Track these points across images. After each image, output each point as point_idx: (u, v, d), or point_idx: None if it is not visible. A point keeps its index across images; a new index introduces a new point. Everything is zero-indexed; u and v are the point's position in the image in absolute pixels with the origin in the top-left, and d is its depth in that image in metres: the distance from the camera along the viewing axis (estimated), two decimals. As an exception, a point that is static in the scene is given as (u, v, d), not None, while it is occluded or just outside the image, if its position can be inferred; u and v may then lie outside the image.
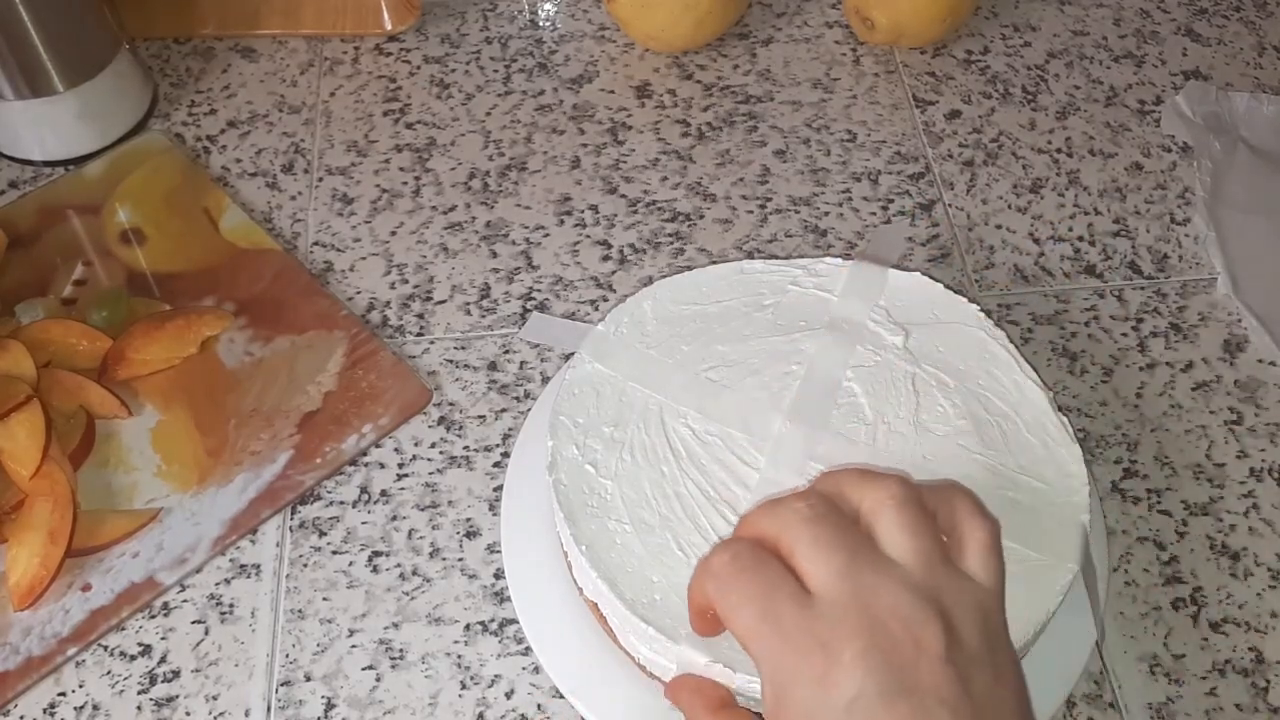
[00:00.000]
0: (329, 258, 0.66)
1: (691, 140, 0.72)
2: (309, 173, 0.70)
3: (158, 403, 0.59)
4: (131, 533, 0.54)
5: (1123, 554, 0.55)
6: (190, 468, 0.57)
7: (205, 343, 0.61)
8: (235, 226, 0.66)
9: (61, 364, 0.59)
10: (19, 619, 0.52)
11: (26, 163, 0.70)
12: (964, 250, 0.67)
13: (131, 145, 0.71)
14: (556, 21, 0.80)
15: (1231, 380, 0.61)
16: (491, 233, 0.67)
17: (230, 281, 0.64)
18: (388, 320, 0.63)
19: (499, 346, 0.62)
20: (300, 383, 0.60)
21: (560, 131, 0.73)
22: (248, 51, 0.78)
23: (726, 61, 0.77)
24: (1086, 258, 0.67)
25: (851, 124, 0.73)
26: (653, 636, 0.45)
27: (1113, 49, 0.79)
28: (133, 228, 0.67)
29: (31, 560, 0.52)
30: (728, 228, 0.67)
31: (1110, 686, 0.51)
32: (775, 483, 0.48)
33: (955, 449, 0.50)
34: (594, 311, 0.63)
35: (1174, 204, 0.69)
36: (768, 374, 0.52)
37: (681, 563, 0.46)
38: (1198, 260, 0.66)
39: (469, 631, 0.52)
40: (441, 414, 0.59)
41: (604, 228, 0.68)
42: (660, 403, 0.51)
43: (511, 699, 0.50)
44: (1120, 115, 0.74)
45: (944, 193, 0.70)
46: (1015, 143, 0.72)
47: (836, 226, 0.68)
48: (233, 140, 0.72)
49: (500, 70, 0.77)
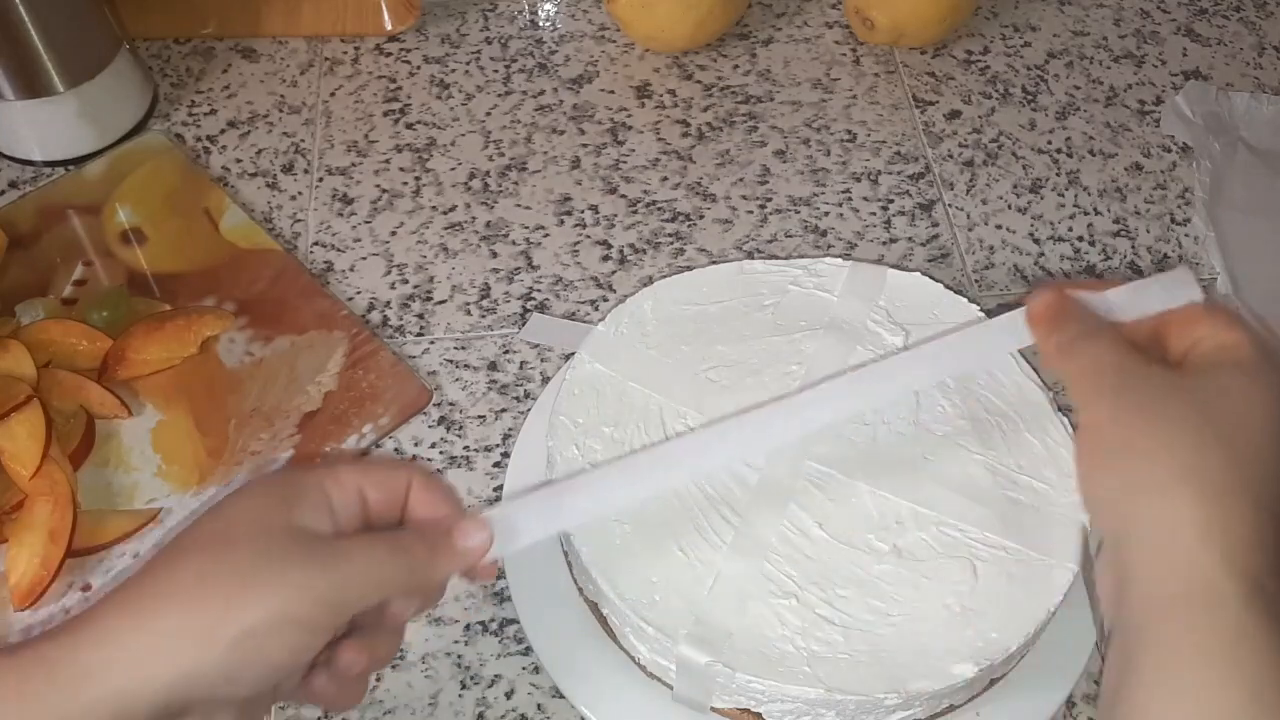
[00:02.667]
0: (329, 258, 0.66)
1: (691, 140, 0.72)
2: (309, 173, 0.70)
3: (158, 403, 0.59)
4: (132, 533, 0.54)
5: (1123, 554, 0.55)
6: (190, 468, 0.57)
7: (205, 343, 0.61)
8: (235, 226, 0.66)
9: (62, 364, 0.59)
10: (19, 619, 0.52)
11: (26, 163, 0.70)
12: (964, 250, 0.67)
13: (131, 145, 0.71)
14: (556, 21, 0.80)
15: (1231, 380, 0.61)
16: (491, 233, 0.67)
17: (230, 281, 0.64)
18: (388, 320, 0.63)
19: (499, 346, 0.62)
20: (300, 383, 0.60)
21: (560, 131, 0.73)
22: (248, 51, 0.78)
23: (726, 61, 0.77)
24: (1086, 258, 0.67)
25: (851, 124, 0.73)
26: (653, 636, 0.45)
27: (1113, 49, 0.79)
28: (133, 228, 0.67)
29: (32, 560, 0.52)
30: (728, 228, 0.68)
31: (1110, 686, 0.51)
32: (775, 483, 0.48)
33: (955, 449, 0.50)
34: (594, 311, 0.63)
35: (1174, 204, 0.69)
36: (768, 374, 0.52)
37: (681, 563, 0.46)
38: (1198, 260, 0.66)
39: (469, 631, 0.52)
40: (441, 414, 0.59)
41: (604, 228, 0.68)
42: (660, 403, 0.51)
43: (511, 699, 0.50)
44: (1120, 115, 0.74)
45: (944, 193, 0.70)
46: (1015, 143, 0.72)
47: (836, 226, 0.68)
48: (233, 140, 0.72)
49: (500, 70, 0.77)
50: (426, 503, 0.41)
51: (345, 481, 0.40)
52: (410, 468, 0.42)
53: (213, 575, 0.36)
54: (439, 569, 0.40)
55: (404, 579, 0.39)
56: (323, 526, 0.39)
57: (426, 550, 0.40)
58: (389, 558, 0.39)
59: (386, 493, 0.41)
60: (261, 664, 0.36)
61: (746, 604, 0.45)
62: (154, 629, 0.35)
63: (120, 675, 0.34)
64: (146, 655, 0.35)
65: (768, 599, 0.45)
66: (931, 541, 0.47)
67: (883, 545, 0.47)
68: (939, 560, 0.46)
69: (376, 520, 0.41)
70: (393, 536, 0.40)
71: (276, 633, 0.36)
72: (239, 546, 0.37)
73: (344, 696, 0.41)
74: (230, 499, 0.39)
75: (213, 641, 0.35)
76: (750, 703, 0.45)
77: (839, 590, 0.46)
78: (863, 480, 0.49)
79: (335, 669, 0.40)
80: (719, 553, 0.47)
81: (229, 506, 0.39)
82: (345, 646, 0.39)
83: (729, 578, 0.46)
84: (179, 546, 0.38)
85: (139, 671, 0.35)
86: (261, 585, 0.36)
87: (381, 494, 0.41)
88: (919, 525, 0.47)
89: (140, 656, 0.35)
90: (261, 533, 0.37)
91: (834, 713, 0.44)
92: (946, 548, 0.47)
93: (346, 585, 0.37)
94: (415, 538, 0.40)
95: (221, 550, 0.37)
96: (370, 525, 0.41)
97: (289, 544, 0.37)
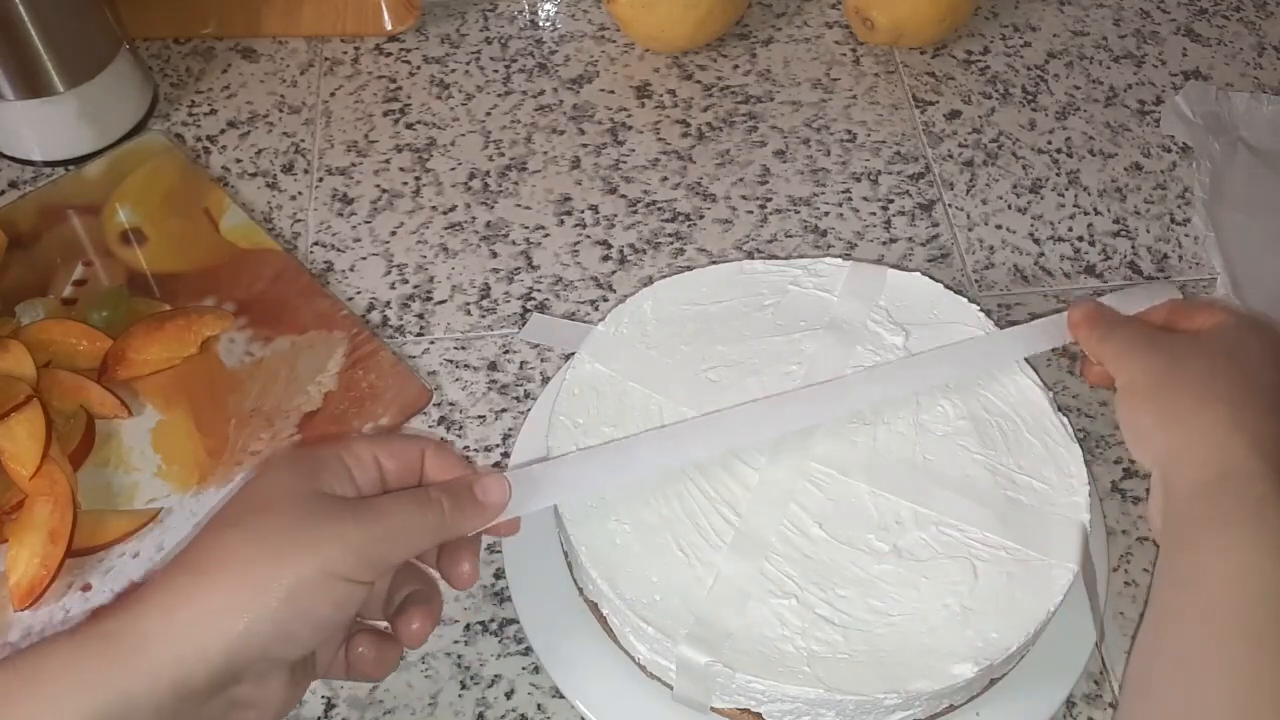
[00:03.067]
0: (329, 258, 0.66)
1: (691, 140, 0.72)
2: (309, 173, 0.70)
3: (158, 403, 0.59)
4: (132, 533, 0.54)
5: (1123, 554, 0.55)
6: (190, 468, 0.57)
7: (205, 343, 0.61)
8: (235, 226, 0.66)
9: (61, 364, 0.59)
10: (19, 619, 0.52)
11: (26, 163, 0.70)
12: (964, 250, 0.67)
13: (131, 145, 0.71)
14: (556, 21, 0.80)
15: (1231, 380, 0.61)
16: (491, 233, 0.67)
17: (230, 281, 0.64)
18: (388, 320, 0.63)
19: (499, 346, 0.62)
20: (300, 383, 0.60)
21: (560, 131, 0.73)
22: (248, 51, 0.78)
23: (726, 61, 0.77)
24: (1086, 258, 0.67)
25: (851, 124, 0.73)
26: (653, 636, 0.45)
27: (1113, 49, 0.79)
28: (133, 228, 0.67)
29: (31, 560, 0.52)
30: (728, 228, 0.68)
31: (1110, 686, 0.51)
32: (775, 483, 0.48)
33: (955, 449, 0.50)
34: (594, 311, 0.63)
35: (1174, 204, 0.69)
36: (768, 374, 0.52)
37: (681, 563, 0.46)
38: (1198, 260, 0.66)
39: (469, 631, 0.52)
40: (441, 414, 0.59)
41: (604, 228, 0.68)
42: (660, 403, 0.51)
43: (511, 699, 0.50)
44: (1120, 115, 0.74)
45: (944, 193, 0.70)
46: (1015, 143, 0.72)
47: (836, 226, 0.68)
48: (233, 140, 0.72)
49: (500, 70, 0.77)
50: (441, 467, 0.44)
51: (361, 453, 0.42)
52: (422, 438, 0.45)
53: (256, 541, 0.38)
54: (464, 521, 0.43)
55: (433, 530, 0.42)
56: (348, 492, 0.41)
57: (452, 502, 0.42)
58: (418, 510, 0.41)
59: (402, 461, 0.43)
60: (311, 619, 0.38)
61: (746, 604, 0.45)
62: (206, 597, 0.37)
63: (178, 643, 0.36)
64: (202, 622, 0.37)
65: (768, 599, 0.45)
66: (931, 541, 0.47)
67: (883, 545, 0.47)
68: (939, 560, 0.46)
69: (394, 488, 0.43)
70: (419, 491, 0.43)
71: (322, 587, 0.38)
72: (277, 513, 0.39)
73: (379, 666, 0.44)
74: (254, 478, 0.42)
75: (264, 601, 0.37)
76: (750, 703, 0.45)
77: (839, 590, 0.46)
78: (863, 480, 0.49)
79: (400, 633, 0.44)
80: (719, 553, 0.47)
81: (256, 483, 0.41)
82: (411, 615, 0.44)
83: (729, 578, 0.46)
84: (217, 524, 0.40)
85: (196, 638, 0.36)
86: (303, 544, 0.38)
87: (397, 463, 0.43)
88: (919, 525, 0.47)
89: (196, 623, 0.37)
90: (295, 499, 0.40)
91: (834, 713, 0.44)
92: (946, 548, 0.47)
93: (382, 538, 0.40)
94: (440, 491, 0.43)
95: (260, 518, 0.39)
96: (388, 492, 0.43)
97: (323, 506, 0.40)
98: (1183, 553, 0.44)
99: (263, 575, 0.37)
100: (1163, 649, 0.43)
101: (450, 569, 0.44)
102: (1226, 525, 0.43)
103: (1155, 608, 0.45)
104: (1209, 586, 0.43)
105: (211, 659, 0.36)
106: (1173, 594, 0.44)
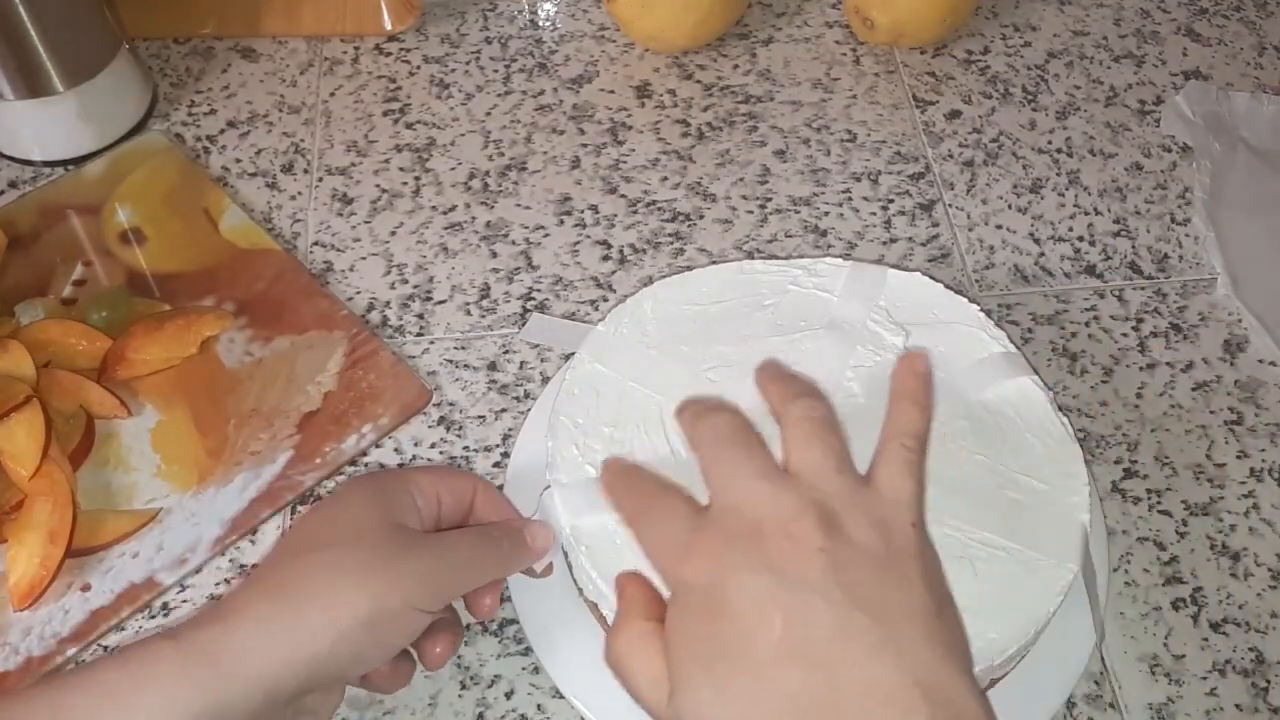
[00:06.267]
0: (329, 258, 0.66)
1: (691, 140, 0.72)
2: (309, 173, 0.70)
3: (158, 403, 0.59)
4: (131, 533, 0.54)
5: (1123, 554, 0.55)
6: (190, 468, 0.57)
7: (205, 343, 0.61)
8: (235, 226, 0.66)
9: (61, 364, 0.59)
10: (19, 619, 0.52)
11: (26, 163, 0.70)
12: (964, 250, 0.67)
13: (131, 145, 0.71)
14: (556, 21, 0.80)
15: (1232, 380, 0.61)
16: (491, 233, 0.67)
17: (230, 281, 0.64)
18: (388, 320, 0.63)
19: (499, 346, 0.62)
20: (300, 383, 0.60)
21: (560, 131, 0.73)
22: (248, 51, 0.78)
23: (726, 61, 0.77)
24: (1086, 258, 0.67)
25: (851, 124, 0.73)
26: (653, 637, 0.45)
27: (1113, 49, 0.79)
28: (132, 228, 0.67)
29: (31, 560, 0.52)
30: (728, 228, 0.67)
31: (1110, 686, 0.51)
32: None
33: (954, 449, 0.49)
34: (594, 311, 0.63)
35: (1174, 204, 0.69)
36: (768, 374, 0.52)
37: (681, 563, 0.46)
38: (1198, 260, 0.66)
39: (469, 631, 0.52)
40: (441, 414, 0.59)
41: (604, 228, 0.68)
42: (660, 403, 0.51)
43: (511, 699, 0.50)
44: (1120, 115, 0.74)
45: (944, 193, 0.70)
46: (1015, 143, 0.72)
47: (836, 226, 0.68)
48: (233, 140, 0.72)
49: (500, 70, 0.77)
50: (489, 505, 0.48)
51: (425, 486, 0.46)
52: (472, 477, 0.49)
53: (342, 569, 0.42)
54: (518, 561, 0.47)
55: (494, 568, 0.46)
56: (415, 524, 0.45)
57: (510, 543, 0.46)
58: (486, 548, 0.46)
59: (457, 497, 0.47)
60: (384, 644, 0.42)
61: (746, 604, 0.45)
62: (300, 618, 0.40)
63: (273, 658, 0.40)
64: (296, 640, 0.40)
65: (768, 599, 0.45)
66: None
67: (883, 545, 0.47)
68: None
69: (445, 523, 0.47)
70: (484, 531, 0.47)
71: (400, 617, 0.42)
72: (358, 543, 0.42)
73: (394, 681, 0.47)
74: (331, 502, 0.45)
75: (349, 626, 0.40)
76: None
77: (839, 590, 0.45)
78: (863, 480, 0.49)
79: (425, 655, 0.47)
80: (719, 553, 0.46)
81: (333, 508, 0.45)
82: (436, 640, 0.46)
83: (729, 578, 0.46)
84: (298, 547, 0.43)
85: (288, 654, 0.40)
86: (387, 576, 0.42)
87: (453, 498, 0.47)
88: (919, 525, 0.47)
89: (290, 642, 0.40)
90: (374, 530, 0.43)
91: (834, 713, 0.44)
92: (946, 548, 0.47)
93: (452, 572, 0.44)
94: (502, 531, 0.47)
95: (344, 548, 0.42)
96: (439, 527, 0.47)
97: (402, 539, 0.43)
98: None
99: (349, 602, 0.41)
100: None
101: (476, 601, 0.48)
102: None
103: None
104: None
105: (298, 672, 0.40)
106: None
